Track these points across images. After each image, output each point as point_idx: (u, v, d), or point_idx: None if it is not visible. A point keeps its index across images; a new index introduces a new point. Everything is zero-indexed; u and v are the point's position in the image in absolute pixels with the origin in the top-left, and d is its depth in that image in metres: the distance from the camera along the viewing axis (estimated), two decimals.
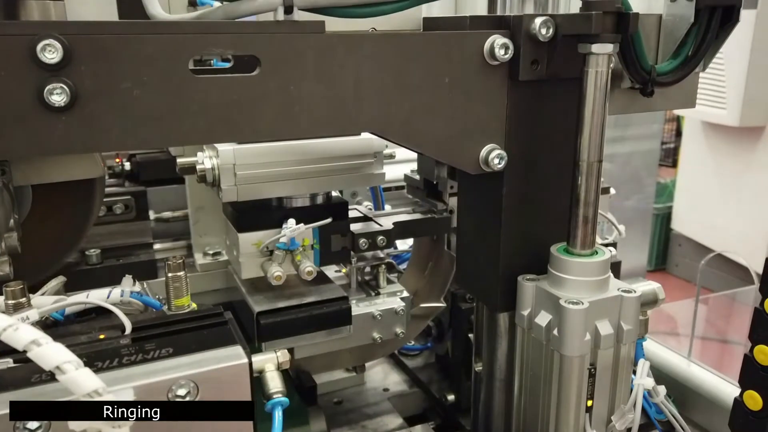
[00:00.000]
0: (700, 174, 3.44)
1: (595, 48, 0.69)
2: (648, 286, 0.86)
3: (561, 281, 0.76)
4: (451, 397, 1.19)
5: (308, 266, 0.92)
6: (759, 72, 2.91)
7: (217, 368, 0.57)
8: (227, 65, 1.07)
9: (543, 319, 0.77)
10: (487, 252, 0.83)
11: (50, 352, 0.48)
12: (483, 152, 0.75)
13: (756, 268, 0.94)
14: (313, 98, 0.66)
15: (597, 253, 0.77)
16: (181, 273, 0.70)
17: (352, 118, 0.69)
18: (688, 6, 0.77)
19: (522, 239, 0.81)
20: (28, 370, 0.54)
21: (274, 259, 0.93)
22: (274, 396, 0.61)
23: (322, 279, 1.00)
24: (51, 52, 0.55)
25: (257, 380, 0.61)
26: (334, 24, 0.68)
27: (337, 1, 0.69)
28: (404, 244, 1.29)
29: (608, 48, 0.70)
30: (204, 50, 0.62)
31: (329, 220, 0.94)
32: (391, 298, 1.02)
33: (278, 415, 0.60)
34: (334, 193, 1.05)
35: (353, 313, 0.96)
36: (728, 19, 0.78)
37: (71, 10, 0.85)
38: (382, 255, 1.07)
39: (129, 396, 0.53)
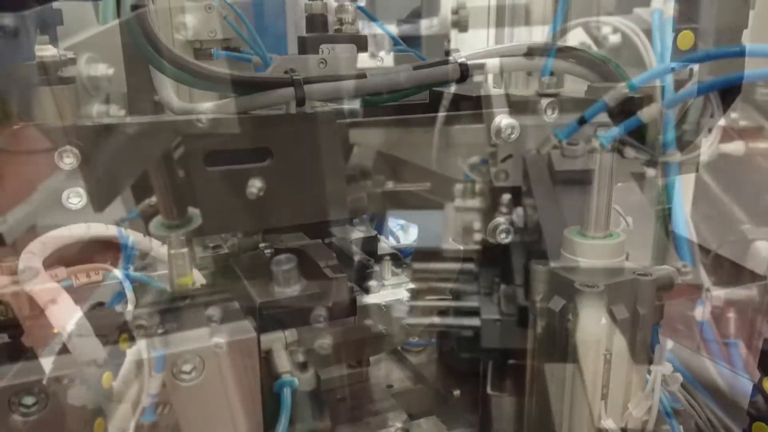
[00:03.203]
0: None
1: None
2: (663, 270, 0.84)
3: (575, 264, 0.74)
4: (456, 392, 1.17)
5: None
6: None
7: (224, 342, 0.55)
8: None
9: (556, 303, 0.75)
10: None
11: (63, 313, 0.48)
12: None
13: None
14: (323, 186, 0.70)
15: (612, 235, 0.75)
16: (184, 249, 0.66)
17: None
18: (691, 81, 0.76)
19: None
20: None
21: None
22: (283, 376, 0.58)
23: None
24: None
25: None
26: None
27: (347, 93, 0.70)
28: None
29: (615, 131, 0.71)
30: (218, 146, 0.65)
31: None
32: (397, 290, 1.00)
33: (287, 396, 0.57)
34: None
35: (358, 305, 0.93)
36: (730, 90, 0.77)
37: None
38: (387, 248, 1.05)
39: None
